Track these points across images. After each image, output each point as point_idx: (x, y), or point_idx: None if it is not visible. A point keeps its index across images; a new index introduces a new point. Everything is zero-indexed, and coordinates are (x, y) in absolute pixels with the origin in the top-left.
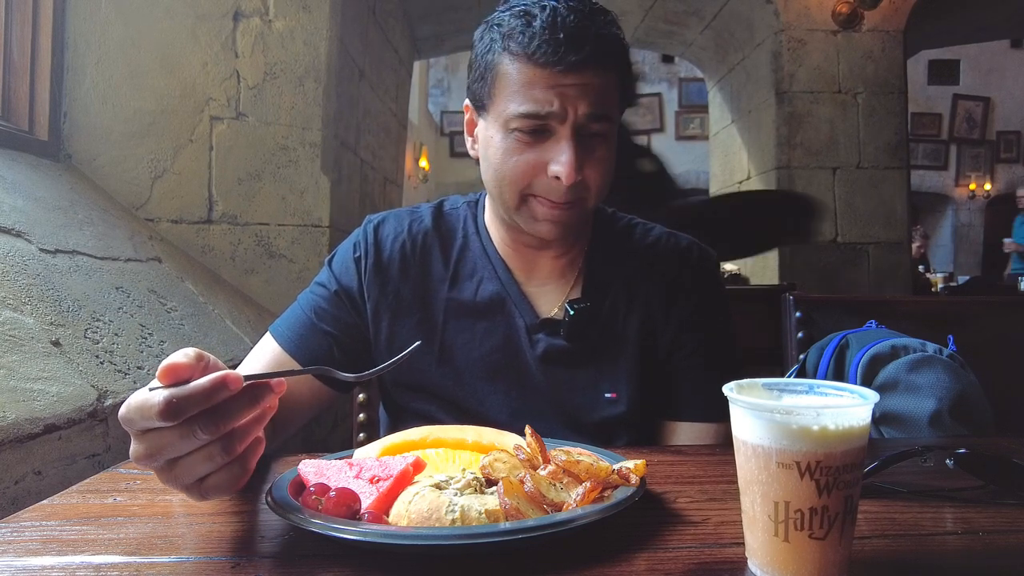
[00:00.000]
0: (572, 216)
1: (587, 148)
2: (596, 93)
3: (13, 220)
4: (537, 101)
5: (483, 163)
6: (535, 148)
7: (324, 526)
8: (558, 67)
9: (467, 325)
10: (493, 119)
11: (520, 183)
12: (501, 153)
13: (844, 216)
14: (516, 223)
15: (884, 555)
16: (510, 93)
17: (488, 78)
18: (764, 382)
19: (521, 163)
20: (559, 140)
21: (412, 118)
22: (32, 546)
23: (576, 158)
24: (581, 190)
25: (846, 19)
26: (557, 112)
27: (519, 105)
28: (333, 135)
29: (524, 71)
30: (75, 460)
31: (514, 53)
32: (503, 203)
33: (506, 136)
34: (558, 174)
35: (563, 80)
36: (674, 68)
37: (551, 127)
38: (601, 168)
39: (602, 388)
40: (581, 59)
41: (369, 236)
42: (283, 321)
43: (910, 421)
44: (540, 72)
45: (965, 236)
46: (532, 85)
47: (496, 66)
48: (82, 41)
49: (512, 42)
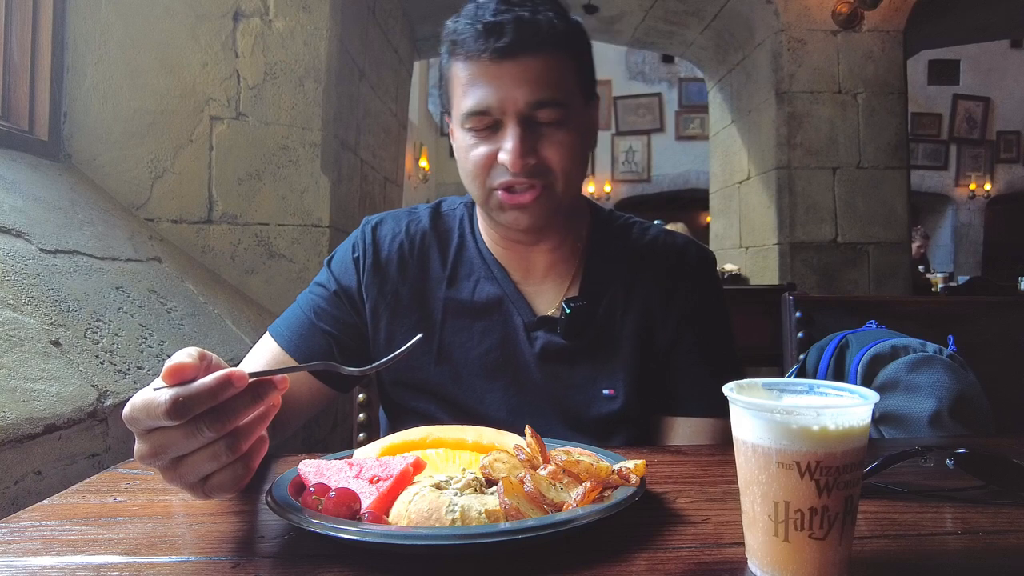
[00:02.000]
0: (539, 203)
1: (538, 133)
2: (535, 79)
3: (13, 220)
4: (478, 97)
5: (458, 165)
6: (489, 141)
7: (324, 526)
8: (485, 55)
9: (465, 324)
10: (455, 121)
11: (480, 176)
12: (462, 151)
13: (844, 216)
14: (492, 218)
15: (884, 555)
16: (459, 94)
17: (444, 84)
18: (764, 382)
19: (477, 156)
20: (506, 129)
21: (412, 118)
22: (32, 546)
23: (521, 144)
24: (542, 175)
25: (846, 19)
26: (496, 105)
27: (465, 103)
28: (333, 135)
29: (464, 69)
30: (75, 460)
31: (455, 55)
32: (476, 199)
33: (464, 135)
34: (504, 161)
35: (498, 71)
36: (674, 68)
37: (499, 121)
38: (561, 151)
39: (600, 385)
40: (506, 45)
41: (367, 236)
42: (282, 321)
43: (910, 421)
44: (475, 67)
45: (965, 236)
46: (472, 82)
47: (447, 71)
48: (82, 41)
49: (452, 44)
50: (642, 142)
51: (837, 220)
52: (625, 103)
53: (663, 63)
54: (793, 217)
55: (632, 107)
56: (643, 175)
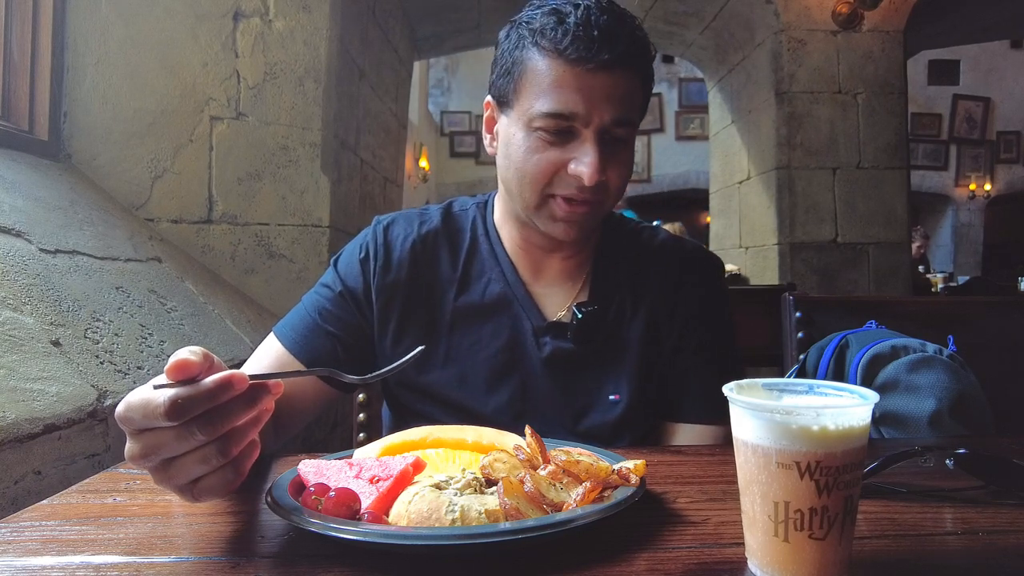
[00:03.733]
0: (590, 217)
1: (610, 151)
2: (623, 97)
3: (13, 220)
4: (564, 101)
5: (503, 160)
6: (558, 147)
7: (324, 526)
8: (589, 65)
9: (474, 326)
10: (517, 116)
11: (541, 181)
12: (523, 151)
13: (844, 216)
14: (533, 222)
15: (884, 555)
16: (537, 91)
17: (514, 74)
18: (764, 382)
19: (543, 161)
20: (583, 142)
21: (412, 118)
22: (32, 546)
23: (600, 160)
24: (601, 192)
25: (846, 19)
26: (583, 114)
27: (545, 104)
28: (333, 135)
29: (553, 68)
30: (75, 460)
31: (544, 49)
32: (523, 201)
33: (529, 134)
34: (581, 175)
35: (591, 81)
36: (674, 68)
37: (575, 129)
38: (622, 171)
39: (606, 390)
40: (613, 58)
41: (379, 237)
42: (287, 322)
43: (910, 421)
44: (569, 71)
45: (965, 236)
46: (560, 84)
47: (524, 63)
48: (82, 41)
49: (543, 38)
50: (642, 142)
51: (837, 220)
52: None
53: (663, 63)
54: (793, 217)
55: None
56: (643, 175)
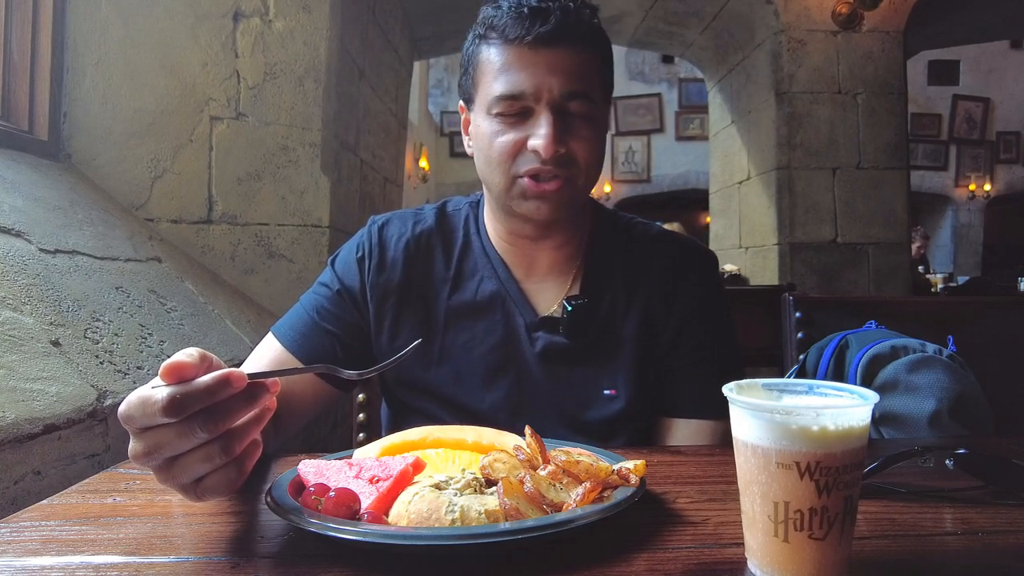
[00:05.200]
0: (561, 194)
1: (568, 125)
2: (570, 71)
3: (13, 220)
4: (512, 82)
5: (476, 154)
6: (518, 128)
7: (324, 526)
8: (527, 39)
9: (467, 324)
10: (479, 108)
11: (506, 163)
12: (487, 137)
13: (844, 216)
14: (510, 208)
15: (884, 555)
16: (489, 79)
17: (471, 71)
18: (764, 382)
19: (505, 143)
20: (538, 117)
21: (412, 118)
22: (32, 546)
23: (554, 131)
24: (568, 166)
25: (846, 19)
26: (532, 91)
27: (497, 87)
28: (333, 135)
29: (499, 54)
30: (75, 460)
31: (489, 39)
32: (495, 187)
33: (491, 121)
34: (536, 148)
35: (535, 58)
36: (674, 68)
37: (530, 107)
38: (586, 146)
39: (601, 385)
40: (548, 31)
41: (374, 236)
42: (285, 321)
43: (910, 421)
44: (513, 51)
45: (965, 236)
46: (507, 67)
47: (476, 56)
48: (82, 41)
49: (485, 28)
50: (642, 142)
51: (837, 220)
52: (625, 103)
53: (663, 63)
54: (793, 217)
55: (632, 107)
56: (643, 175)
